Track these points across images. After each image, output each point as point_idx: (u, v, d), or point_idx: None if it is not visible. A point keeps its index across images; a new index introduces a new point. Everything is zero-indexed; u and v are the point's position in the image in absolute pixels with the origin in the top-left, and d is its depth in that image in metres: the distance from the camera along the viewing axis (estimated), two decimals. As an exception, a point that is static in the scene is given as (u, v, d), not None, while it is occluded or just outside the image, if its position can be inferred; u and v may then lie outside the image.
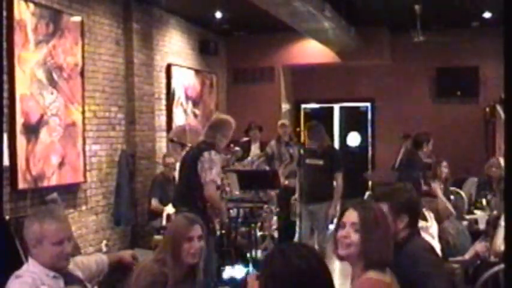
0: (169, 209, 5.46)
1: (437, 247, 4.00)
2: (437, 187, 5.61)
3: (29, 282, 2.48)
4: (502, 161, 6.21)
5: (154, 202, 6.38)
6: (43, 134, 5.44)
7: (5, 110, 4.90)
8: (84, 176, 6.09)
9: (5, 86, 4.90)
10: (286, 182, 6.97)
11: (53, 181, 5.59)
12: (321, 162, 6.14)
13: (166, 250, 2.86)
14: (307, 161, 6.33)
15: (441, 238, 4.62)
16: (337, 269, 5.48)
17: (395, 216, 2.72)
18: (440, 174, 6.49)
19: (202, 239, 2.89)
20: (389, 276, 2.28)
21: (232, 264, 5.48)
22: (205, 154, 4.43)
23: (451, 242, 4.67)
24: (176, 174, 6.70)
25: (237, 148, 6.87)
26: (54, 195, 5.40)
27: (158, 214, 6.18)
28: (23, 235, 2.62)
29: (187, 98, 8.38)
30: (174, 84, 7.99)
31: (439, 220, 4.74)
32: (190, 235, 2.84)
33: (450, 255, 4.54)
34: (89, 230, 6.28)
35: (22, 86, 5.14)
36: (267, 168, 7.14)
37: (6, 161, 4.85)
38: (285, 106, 9.90)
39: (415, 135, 6.58)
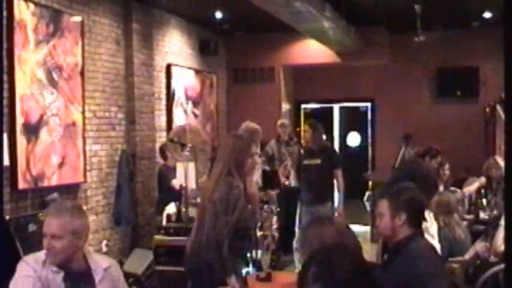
0: (170, 208, 5.44)
1: (438, 247, 4.01)
2: None
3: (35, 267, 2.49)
4: (500, 160, 6.22)
5: (175, 181, 5.99)
6: (43, 134, 5.44)
7: (5, 110, 4.90)
8: (84, 176, 6.09)
9: (5, 86, 4.91)
10: (287, 182, 6.97)
11: (53, 181, 5.59)
12: (318, 161, 6.15)
13: (230, 166, 3.35)
14: (306, 161, 6.33)
15: (448, 228, 4.63)
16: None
17: (394, 212, 2.77)
18: (443, 176, 6.55)
19: None
20: None
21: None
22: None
23: (457, 235, 4.66)
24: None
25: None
26: (55, 195, 5.40)
27: (165, 204, 5.75)
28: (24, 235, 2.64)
29: (187, 98, 8.38)
30: (174, 84, 7.99)
31: (449, 211, 4.76)
32: (252, 152, 3.52)
33: (455, 250, 4.55)
34: (89, 230, 6.27)
35: (22, 86, 5.14)
36: (267, 168, 7.14)
37: (6, 161, 4.85)
38: (285, 106, 9.89)
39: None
